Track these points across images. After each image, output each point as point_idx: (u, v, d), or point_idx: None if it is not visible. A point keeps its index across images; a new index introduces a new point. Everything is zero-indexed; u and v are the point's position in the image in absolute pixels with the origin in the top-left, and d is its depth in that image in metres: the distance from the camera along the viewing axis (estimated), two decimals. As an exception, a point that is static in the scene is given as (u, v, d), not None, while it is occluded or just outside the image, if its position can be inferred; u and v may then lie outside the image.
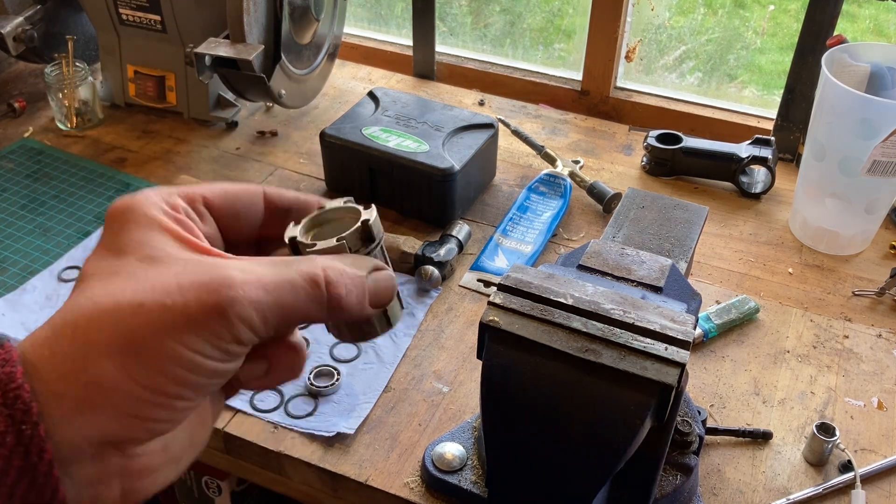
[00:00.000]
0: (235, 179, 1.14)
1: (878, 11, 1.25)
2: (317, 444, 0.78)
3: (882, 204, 0.99)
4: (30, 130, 1.24)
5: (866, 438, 0.80)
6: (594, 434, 0.59)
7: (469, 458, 0.74)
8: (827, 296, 0.97)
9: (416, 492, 0.74)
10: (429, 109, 1.12)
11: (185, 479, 1.04)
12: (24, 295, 0.92)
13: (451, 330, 0.91)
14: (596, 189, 1.08)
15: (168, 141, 1.22)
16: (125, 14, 1.19)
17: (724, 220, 1.09)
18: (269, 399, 0.82)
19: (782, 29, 1.27)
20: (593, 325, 0.61)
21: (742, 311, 0.92)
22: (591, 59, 1.31)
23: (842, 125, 0.93)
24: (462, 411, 0.82)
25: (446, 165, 1.01)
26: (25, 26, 1.21)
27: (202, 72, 1.06)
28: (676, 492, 0.69)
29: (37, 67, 1.37)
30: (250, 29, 1.06)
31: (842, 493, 0.75)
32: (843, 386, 0.85)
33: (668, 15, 1.30)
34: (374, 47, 1.47)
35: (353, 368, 0.85)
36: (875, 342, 0.90)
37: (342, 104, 1.31)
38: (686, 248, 0.75)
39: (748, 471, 0.77)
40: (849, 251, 1.03)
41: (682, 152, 1.14)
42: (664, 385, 0.57)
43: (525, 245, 1.02)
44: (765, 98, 1.30)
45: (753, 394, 0.84)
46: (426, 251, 0.96)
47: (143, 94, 1.25)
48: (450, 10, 1.44)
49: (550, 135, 1.26)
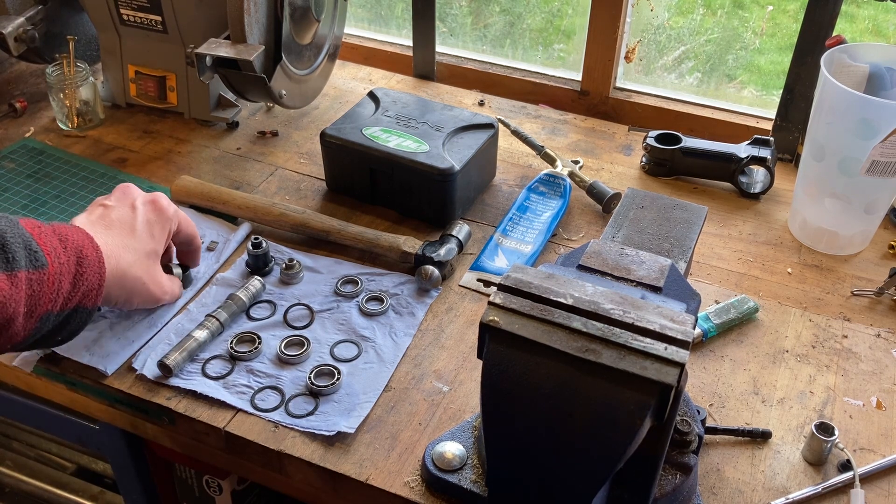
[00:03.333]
0: (236, 179, 1.14)
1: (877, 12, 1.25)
2: (317, 444, 0.78)
3: (881, 204, 0.99)
4: (31, 130, 1.24)
5: (865, 438, 0.80)
6: (594, 434, 0.59)
7: (469, 457, 0.74)
8: (826, 296, 0.97)
9: (417, 491, 0.74)
10: (429, 110, 1.12)
11: (186, 478, 1.04)
12: (26, 295, 0.92)
13: (452, 330, 0.91)
14: (595, 189, 1.09)
15: (169, 141, 1.22)
16: (126, 14, 1.19)
17: (724, 220, 1.09)
18: (269, 398, 0.82)
19: (781, 29, 1.28)
20: (593, 324, 0.61)
21: (741, 310, 0.92)
22: (590, 60, 1.31)
23: (841, 125, 0.94)
24: (462, 411, 0.82)
25: (446, 165, 1.01)
26: (26, 26, 1.21)
27: (203, 72, 1.06)
28: (676, 491, 0.70)
29: (38, 68, 1.38)
30: (251, 29, 1.07)
31: (841, 493, 0.75)
32: (842, 385, 0.85)
33: (668, 15, 1.31)
34: (375, 48, 1.47)
35: (353, 368, 0.85)
36: (874, 342, 0.91)
37: (342, 104, 1.31)
38: (685, 248, 0.75)
39: (747, 470, 0.77)
40: (848, 251, 1.03)
41: (682, 152, 1.14)
42: (664, 385, 0.57)
43: (525, 245, 1.02)
44: (764, 98, 1.30)
45: (753, 393, 0.84)
46: (426, 251, 0.97)
47: (144, 95, 1.26)
48: (450, 10, 1.44)
49: (550, 135, 1.26)
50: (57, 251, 0.66)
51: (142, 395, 0.83)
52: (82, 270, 0.68)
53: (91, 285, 0.68)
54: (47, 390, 0.90)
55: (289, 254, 1.00)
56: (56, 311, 0.66)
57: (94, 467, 1.28)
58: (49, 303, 0.65)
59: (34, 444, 1.31)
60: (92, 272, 0.69)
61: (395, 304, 0.93)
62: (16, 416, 1.13)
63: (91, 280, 0.68)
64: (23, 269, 0.62)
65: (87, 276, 0.68)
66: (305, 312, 0.92)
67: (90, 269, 0.69)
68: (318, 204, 1.10)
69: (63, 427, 1.02)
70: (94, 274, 0.69)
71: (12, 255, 0.62)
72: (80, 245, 0.68)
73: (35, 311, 0.64)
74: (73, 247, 0.68)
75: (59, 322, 0.68)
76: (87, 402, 0.88)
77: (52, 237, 0.67)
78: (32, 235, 0.66)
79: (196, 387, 0.82)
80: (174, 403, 0.82)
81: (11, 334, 0.63)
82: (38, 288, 0.63)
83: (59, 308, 0.66)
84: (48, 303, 0.65)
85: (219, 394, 0.82)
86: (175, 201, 1.07)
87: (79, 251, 0.68)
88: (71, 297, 0.67)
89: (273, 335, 0.89)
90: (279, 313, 0.92)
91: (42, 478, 1.33)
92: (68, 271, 0.66)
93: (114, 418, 0.89)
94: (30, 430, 1.29)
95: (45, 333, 0.68)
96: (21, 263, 0.63)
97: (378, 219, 1.07)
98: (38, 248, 0.64)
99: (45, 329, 0.67)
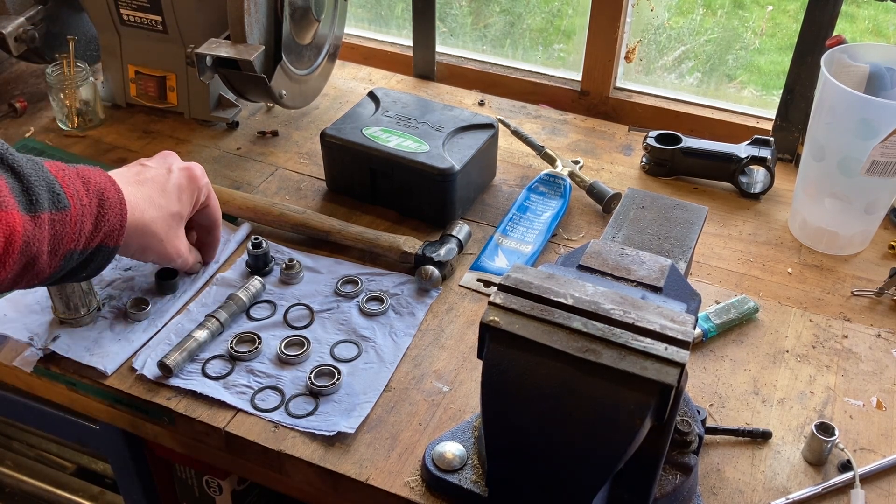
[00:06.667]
0: (236, 179, 1.14)
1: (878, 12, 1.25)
2: (317, 444, 0.78)
3: (881, 204, 0.99)
4: (31, 130, 1.24)
5: (865, 438, 0.80)
6: (594, 434, 0.59)
7: (469, 457, 0.74)
8: (826, 296, 0.97)
9: (417, 491, 0.74)
10: (429, 110, 1.12)
11: (186, 478, 1.04)
12: (27, 295, 0.92)
13: (452, 330, 0.91)
14: (596, 189, 1.09)
15: (169, 141, 1.22)
16: (126, 14, 1.19)
17: (724, 220, 1.09)
18: (269, 398, 0.82)
19: (781, 29, 1.28)
20: (593, 325, 0.61)
21: (741, 310, 0.92)
22: (590, 60, 1.31)
23: (841, 125, 0.94)
24: (462, 411, 0.82)
25: (446, 166, 1.01)
26: (27, 26, 1.21)
27: (203, 72, 1.06)
28: (676, 491, 0.70)
29: (38, 68, 1.38)
30: (251, 29, 1.07)
31: (841, 493, 0.75)
32: (843, 386, 0.85)
33: (668, 15, 1.31)
34: (375, 48, 1.47)
35: (353, 368, 0.85)
36: (874, 342, 0.91)
37: (343, 104, 1.31)
38: (686, 249, 0.75)
39: (747, 470, 0.77)
40: (848, 251, 1.03)
41: (682, 152, 1.14)
42: (664, 385, 0.57)
43: (525, 245, 1.02)
44: (764, 98, 1.30)
45: (753, 393, 0.84)
46: (426, 251, 0.97)
47: (144, 95, 1.26)
48: (450, 10, 1.44)
49: (550, 135, 1.26)
50: (80, 193, 0.69)
51: (142, 395, 0.83)
52: (104, 212, 0.72)
53: (113, 226, 0.72)
54: (47, 390, 0.90)
55: (289, 254, 1.00)
56: (80, 250, 0.70)
57: (94, 467, 1.28)
58: (72, 242, 0.69)
59: (34, 444, 1.32)
60: (113, 214, 0.73)
61: (395, 304, 0.93)
62: (16, 416, 1.13)
63: (113, 221, 0.72)
64: (45, 210, 0.66)
65: (109, 218, 0.72)
66: (305, 312, 0.92)
67: (112, 210, 0.72)
68: (318, 204, 1.10)
69: (63, 427, 1.02)
70: (115, 216, 0.73)
71: (35, 198, 0.66)
72: (103, 187, 0.72)
73: (59, 250, 0.68)
74: (96, 189, 0.71)
75: (83, 260, 0.72)
76: (87, 402, 0.88)
77: (76, 179, 0.70)
78: (56, 178, 0.69)
79: (196, 387, 0.82)
80: (174, 403, 0.82)
81: (37, 271, 0.67)
82: (61, 228, 0.67)
83: (82, 247, 0.70)
84: (71, 242, 0.69)
85: (219, 394, 0.82)
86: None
87: (101, 193, 0.72)
88: (93, 237, 0.71)
89: (273, 335, 0.89)
90: (279, 313, 0.92)
91: (42, 478, 1.33)
92: (90, 212, 0.70)
93: (114, 418, 0.89)
94: (30, 430, 1.29)
95: (69, 270, 0.72)
96: (44, 205, 0.66)
97: (378, 219, 1.07)
98: (62, 191, 0.68)
99: (70, 266, 0.71)
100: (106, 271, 0.96)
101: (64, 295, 0.87)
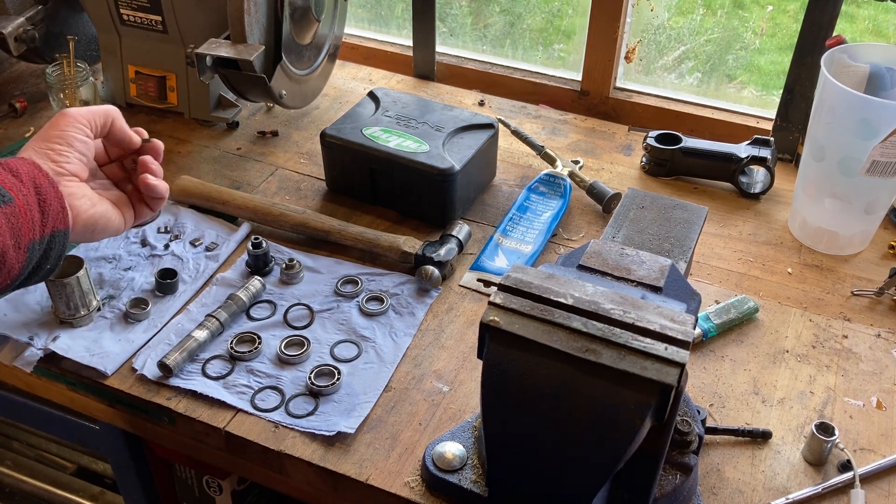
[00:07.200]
0: (236, 179, 1.14)
1: (877, 12, 1.25)
2: (317, 444, 0.78)
3: (881, 204, 0.99)
4: (31, 130, 1.24)
5: (865, 438, 0.80)
6: (594, 434, 0.59)
7: (469, 457, 0.74)
8: (826, 296, 0.97)
9: (417, 491, 0.74)
10: (429, 110, 1.12)
11: (186, 478, 1.04)
12: (26, 295, 0.92)
13: (452, 330, 0.91)
14: (596, 189, 1.09)
15: (169, 141, 1.22)
16: (126, 14, 1.19)
17: (724, 220, 1.09)
18: (269, 398, 0.82)
19: (781, 29, 1.28)
20: (593, 325, 0.61)
21: (741, 310, 0.92)
22: (590, 60, 1.31)
23: (841, 125, 0.94)
24: (462, 411, 0.82)
25: (446, 165, 1.01)
26: (27, 26, 1.21)
27: (203, 72, 1.06)
28: (676, 491, 0.70)
29: (38, 68, 1.37)
30: (251, 29, 1.07)
31: (841, 493, 0.75)
32: (843, 386, 0.85)
33: (668, 15, 1.31)
34: (375, 48, 1.47)
35: (353, 368, 0.85)
36: (874, 342, 0.91)
37: (343, 104, 1.31)
38: (685, 248, 0.75)
39: (747, 470, 0.77)
40: (848, 251, 1.03)
41: (682, 152, 1.14)
42: (664, 385, 0.57)
43: (525, 245, 1.02)
44: (764, 98, 1.30)
45: (753, 393, 0.84)
46: (426, 251, 0.97)
47: (144, 95, 1.26)
48: (450, 10, 1.44)
49: (550, 135, 1.26)
50: (17, 185, 0.69)
51: (142, 395, 0.83)
52: (44, 197, 0.71)
53: (55, 208, 0.72)
54: (47, 390, 0.90)
55: (289, 254, 1.00)
56: (38, 239, 0.70)
57: (94, 467, 1.28)
58: (30, 232, 0.69)
59: (34, 444, 1.32)
60: (52, 196, 0.72)
61: (395, 304, 0.93)
62: (16, 416, 1.13)
63: (54, 204, 0.72)
64: None
65: (50, 201, 0.71)
66: (305, 312, 0.92)
67: (48, 193, 0.72)
68: (318, 204, 1.10)
69: (63, 427, 1.02)
70: (53, 197, 0.72)
71: None
72: (32, 175, 0.72)
73: (21, 242, 0.68)
74: (28, 178, 0.71)
75: (43, 250, 0.71)
76: (87, 402, 0.88)
77: (6, 174, 0.70)
78: None
79: (196, 387, 0.82)
80: (174, 403, 0.82)
81: (8, 268, 0.68)
82: (16, 221, 0.68)
83: (39, 236, 0.70)
84: (29, 232, 0.69)
85: (219, 394, 0.82)
86: (175, 201, 1.07)
87: (33, 179, 0.71)
88: (45, 223, 0.71)
89: (273, 335, 0.89)
90: (279, 313, 0.92)
91: (42, 478, 1.33)
92: (33, 200, 0.70)
93: (114, 418, 0.89)
94: (30, 430, 1.29)
95: (35, 264, 0.71)
96: None
97: (378, 219, 1.07)
98: (0, 186, 0.68)
99: (35, 259, 0.71)
100: (106, 271, 0.97)
101: (64, 295, 0.87)
